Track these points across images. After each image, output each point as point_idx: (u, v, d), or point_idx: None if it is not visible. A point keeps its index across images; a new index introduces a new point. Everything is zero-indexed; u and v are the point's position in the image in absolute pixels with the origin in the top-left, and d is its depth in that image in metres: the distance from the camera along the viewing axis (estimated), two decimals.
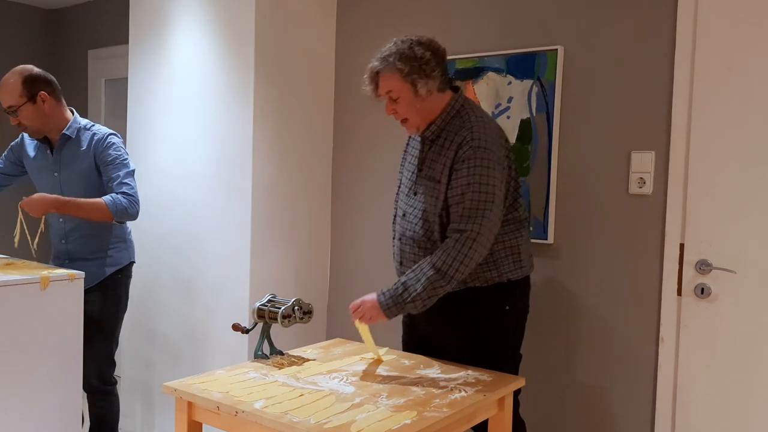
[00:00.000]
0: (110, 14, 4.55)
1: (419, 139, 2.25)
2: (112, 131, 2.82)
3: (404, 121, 2.17)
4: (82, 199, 2.61)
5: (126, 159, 2.76)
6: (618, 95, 2.45)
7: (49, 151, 2.80)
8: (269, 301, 2.18)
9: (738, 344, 2.25)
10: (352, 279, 3.25)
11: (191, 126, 3.21)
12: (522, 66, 2.64)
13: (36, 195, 2.58)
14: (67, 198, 2.61)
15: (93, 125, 2.82)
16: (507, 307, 2.19)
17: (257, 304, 2.18)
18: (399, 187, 2.35)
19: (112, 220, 2.66)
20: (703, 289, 2.30)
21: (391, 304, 2.07)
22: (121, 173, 2.70)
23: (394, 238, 2.33)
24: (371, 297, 2.12)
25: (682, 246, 2.34)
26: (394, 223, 2.35)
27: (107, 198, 2.62)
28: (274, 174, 3.05)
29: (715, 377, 2.29)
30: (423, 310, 2.08)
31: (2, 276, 2.35)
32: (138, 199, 2.70)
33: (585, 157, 2.52)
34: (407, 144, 2.38)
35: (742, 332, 2.24)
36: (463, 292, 2.15)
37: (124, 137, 3.65)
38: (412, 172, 2.24)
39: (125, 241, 2.90)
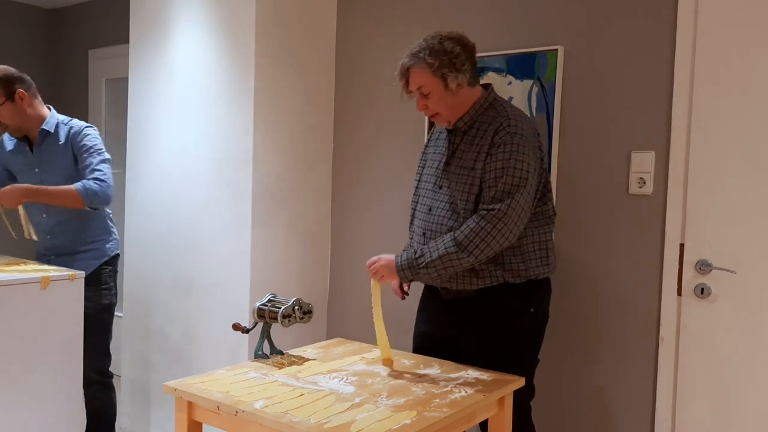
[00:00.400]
0: (111, 14, 4.55)
1: (444, 136, 2.24)
2: (88, 124, 2.87)
3: (435, 115, 2.17)
4: (53, 187, 2.65)
5: (101, 148, 2.80)
6: (618, 95, 2.45)
7: (28, 148, 2.83)
8: (269, 300, 2.18)
9: (738, 344, 2.25)
10: (352, 279, 3.25)
11: (192, 126, 3.22)
12: (522, 66, 2.64)
13: (8, 186, 2.62)
14: (38, 186, 2.65)
15: (70, 120, 2.87)
16: (532, 310, 2.17)
17: (257, 304, 2.18)
18: (417, 185, 2.32)
19: (84, 206, 2.69)
20: (703, 289, 2.30)
21: (405, 266, 2.08)
22: (95, 160, 2.74)
23: (412, 236, 2.29)
24: (389, 256, 2.12)
25: (682, 246, 2.34)
26: (411, 223, 2.32)
27: (78, 184, 2.66)
28: (275, 174, 3.06)
29: (715, 377, 2.29)
30: (436, 281, 2.08)
31: (3, 275, 2.35)
32: (110, 185, 2.72)
33: (585, 157, 2.52)
34: (426, 144, 2.37)
35: (742, 332, 2.24)
36: (489, 292, 2.12)
37: (124, 137, 3.67)
38: (436, 167, 2.23)
39: (109, 233, 2.94)
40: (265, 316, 2.16)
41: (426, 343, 2.32)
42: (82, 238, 2.84)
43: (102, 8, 4.66)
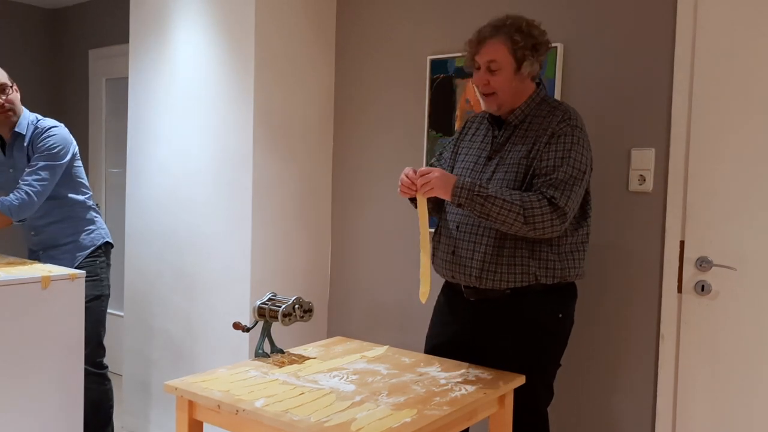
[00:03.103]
0: (111, 13, 4.55)
1: (483, 131, 2.21)
2: (56, 124, 2.84)
3: (491, 95, 2.10)
4: None
5: (53, 150, 2.74)
6: (618, 92, 2.45)
7: (0, 150, 2.85)
8: (270, 299, 2.19)
9: (738, 341, 2.25)
10: (352, 277, 3.25)
11: (192, 125, 3.22)
12: None
13: None
14: None
15: (39, 120, 2.85)
16: (560, 315, 2.13)
17: (258, 303, 2.18)
18: None
19: (12, 223, 2.67)
20: (703, 286, 2.30)
21: (466, 186, 1.96)
22: (39, 164, 2.70)
23: (440, 229, 2.23)
24: (450, 174, 2.02)
25: (682, 243, 2.34)
26: (441, 217, 2.27)
27: (2, 200, 2.64)
28: (275, 173, 3.06)
29: (715, 374, 2.29)
30: (482, 216, 1.97)
31: (3, 275, 2.35)
32: (36, 193, 2.67)
33: None
34: (459, 137, 2.31)
35: (742, 329, 2.24)
36: (517, 296, 2.08)
37: (124, 137, 3.66)
38: (475, 162, 2.17)
39: (92, 223, 2.94)
40: (266, 314, 2.16)
41: (446, 345, 2.25)
42: (63, 231, 2.85)
43: (102, 8, 4.66)
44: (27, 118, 2.85)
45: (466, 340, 2.21)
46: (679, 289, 2.34)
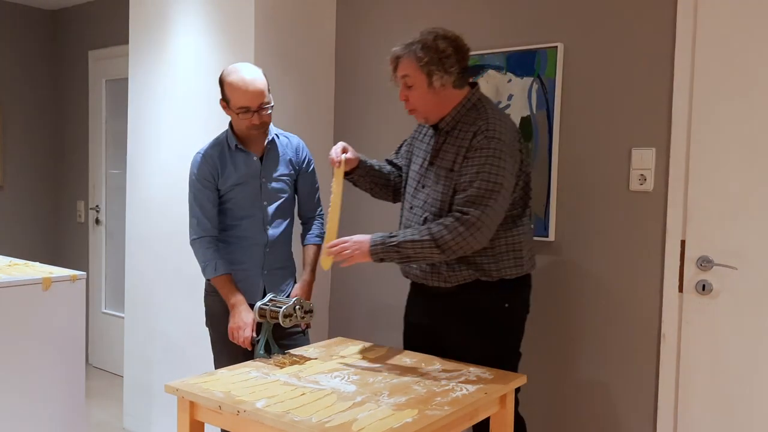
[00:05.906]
0: (110, 14, 4.55)
1: (431, 133, 2.25)
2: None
3: (413, 110, 2.18)
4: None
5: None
6: (618, 92, 2.45)
7: (256, 159, 2.54)
8: (270, 300, 2.19)
9: (739, 340, 2.25)
10: (353, 278, 3.25)
11: (192, 125, 3.21)
12: (522, 63, 2.64)
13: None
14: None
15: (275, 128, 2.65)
16: (506, 305, 2.18)
17: (259, 304, 2.18)
18: (406, 181, 2.32)
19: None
20: (704, 286, 2.30)
21: (379, 242, 2.07)
22: (318, 197, 2.74)
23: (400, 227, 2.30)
24: (360, 236, 2.12)
25: (683, 243, 2.33)
26: (402, 216, 2.34)
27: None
28: None
29: (716, 373, 2.29)
30: (404, 261, 2.10)
31: (4, 276, 2.35)
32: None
33: (585, 154, 2.52)
34: (414, 135, 2.37)
35: (743, 328, 2.24)
36: (464, 288, 2.15)
37: (124, 137, 3.66)
38: (421, 165, 2.23)
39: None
40: (267, 315, 2.16)
41: (414, 334, 2.36)
42: (287, 254, 2.68)
43: (101, 9, 4.67)
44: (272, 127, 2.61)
45: (426, 328, 2.30)
46: (680, 289, 2.34)
